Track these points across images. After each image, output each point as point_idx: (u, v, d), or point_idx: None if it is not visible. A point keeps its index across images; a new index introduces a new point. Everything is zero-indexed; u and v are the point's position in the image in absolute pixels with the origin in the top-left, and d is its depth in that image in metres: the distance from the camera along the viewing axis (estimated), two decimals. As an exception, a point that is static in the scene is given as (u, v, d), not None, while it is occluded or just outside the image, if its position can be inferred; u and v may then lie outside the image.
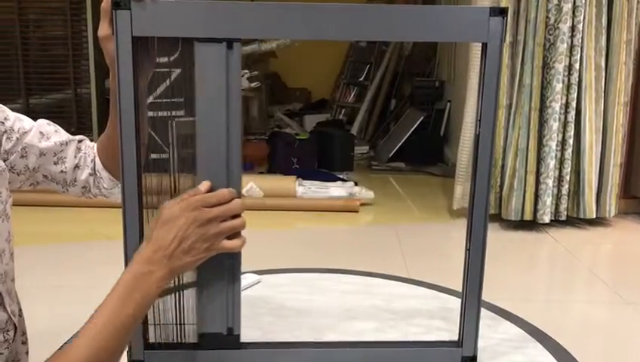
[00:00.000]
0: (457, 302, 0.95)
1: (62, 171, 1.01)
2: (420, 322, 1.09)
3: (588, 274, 3.17)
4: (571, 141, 3.61)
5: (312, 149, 5.26)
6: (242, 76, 4.97)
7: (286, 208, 4.10)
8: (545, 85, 3.58)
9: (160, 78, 0.87)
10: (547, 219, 3.65)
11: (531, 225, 3.71)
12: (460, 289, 0.93)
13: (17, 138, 0.96)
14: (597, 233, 3.74)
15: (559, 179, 3.67)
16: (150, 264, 0.78)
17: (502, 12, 0.80)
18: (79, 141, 1.04)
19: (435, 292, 1.23)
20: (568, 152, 3.62)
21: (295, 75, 7.97)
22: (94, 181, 1.04)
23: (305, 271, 1.34)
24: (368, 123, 6.73)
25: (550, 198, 3.64)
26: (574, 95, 3.56)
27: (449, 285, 1.26)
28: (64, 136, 1.02)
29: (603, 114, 3.66)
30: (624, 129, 3.74)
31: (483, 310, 0.96)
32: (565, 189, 3.67)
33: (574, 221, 3.79)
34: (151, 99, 0.88)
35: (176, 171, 0.87)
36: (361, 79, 7.14)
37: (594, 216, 3.72)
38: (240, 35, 0.81)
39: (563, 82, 3.54)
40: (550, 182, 3.62)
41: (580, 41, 3.50)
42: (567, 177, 3.66)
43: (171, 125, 0.86)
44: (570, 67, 3.53)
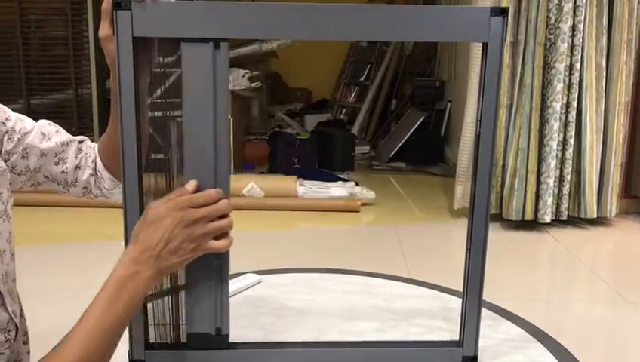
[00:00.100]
0: (458, 302, 0.95)
1: (63, 172, 1.01)
2: (421, 322, 1.09)
3: (589, 274, 3.17)
4: (572, 141, 3.61)
5: (313, 149, 5.26)
6: (243, 76, 4.97)
7: (287, 208, 4.10)
8: (546, 85, 3.58)
9: (161, 78, 0.87)
10: (548, 219, 3.65)
11: (532, 225, 3.71)
12: (461, 289, 0.93)
13: (19, 139, 0.96)
14: (598, 233, 3.74)
15: (560, 179, 3.67)
16: (137, 264, 0.78)
17: (502, 12, 0.80)
18: (80, 141, 1.04)
19: (436, 292, 1.23)
20: (569, 152, 3.62)
21: (296, 75, 7.97)
22: (95, 181, 1.04)
23: (306, 271, 1.34)
24: (369, 123, 6.73)
25: (551, 198, 3.64)
26: (575, 95, 3.56)
27: (450, 285, 1.26)
28: (65, 136, 1.02)
29: (604, 114, 3.66)
30: (625, 129, 3.74)
31: (484, 310, 0.96)
32: (566, 189, 3.67)
33: (575, 221, 3.79)
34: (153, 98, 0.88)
35: (176, 171, 0.87)
36: (361, 79, 7.14)
37: (595, 216, 3.72)
38: (240, 35, 0.80)
39: (564, 82, 3.53)
40: (551, 181, 3.62)
41: (581, 41, 3.50)
42: (568, 177, 3.65)
43: (172, 125, 0.86)
44: (571, 67, 3.53)
